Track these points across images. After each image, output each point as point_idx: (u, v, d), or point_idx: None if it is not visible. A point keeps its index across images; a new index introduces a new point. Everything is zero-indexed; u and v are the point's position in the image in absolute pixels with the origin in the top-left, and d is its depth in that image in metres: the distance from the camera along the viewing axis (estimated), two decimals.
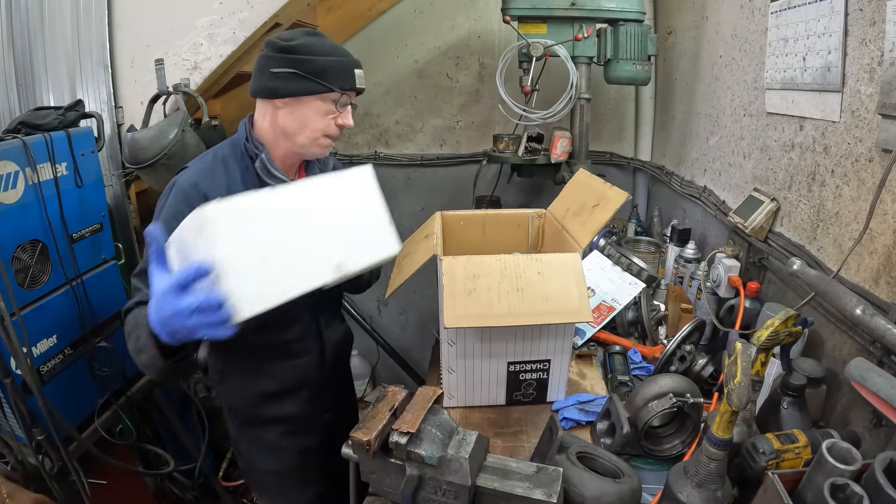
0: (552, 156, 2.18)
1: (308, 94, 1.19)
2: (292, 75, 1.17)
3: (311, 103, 1.21)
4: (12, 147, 1.32)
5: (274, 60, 1.18)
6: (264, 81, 1.20)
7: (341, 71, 1.21)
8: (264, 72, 1.19)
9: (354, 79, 1.23)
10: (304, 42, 1.18)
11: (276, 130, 1.23)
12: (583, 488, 0.88)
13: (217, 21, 1.82)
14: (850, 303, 1.00)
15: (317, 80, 1.18)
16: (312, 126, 1.23)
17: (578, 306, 1.15)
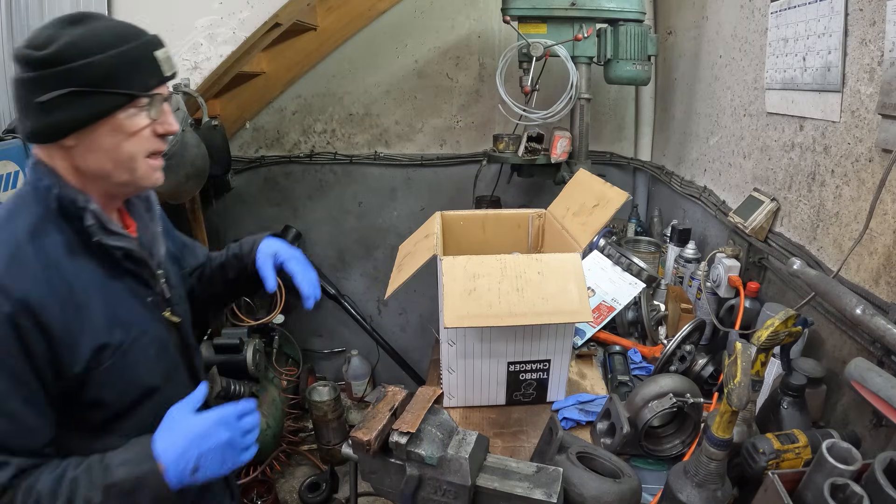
0: (552, 156, 2.18)
1: (103, 115, 0.82)
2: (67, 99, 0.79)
3: (112, 124, 0.84)
4: (12, 147, 1.32)
5: (34, 84, 0.79)
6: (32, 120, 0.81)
7: (137, 63, 0.85)
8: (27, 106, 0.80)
9: (159, 66, 0.87)
10: (69, 41, 0.79)
11: (78, 175, 0.87)
12: (583, 488, 0.88)
13: (217, 21, 1.82)
14: (850, 303, 1.00)
15: (107, 91, 0.81)
16: (127, 154, 0.86)
17: (578, 306, 1.15)
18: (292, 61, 2.57)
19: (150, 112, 0.87)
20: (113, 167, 0.86)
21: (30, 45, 0.80)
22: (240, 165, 2.72)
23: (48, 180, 0.85)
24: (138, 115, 0.86)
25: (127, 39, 0.84)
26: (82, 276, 0.86)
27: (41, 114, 0.80)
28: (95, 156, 0.85)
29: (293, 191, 2.86)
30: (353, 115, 2.74)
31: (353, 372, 2.85)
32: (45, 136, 0.83)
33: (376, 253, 2.98)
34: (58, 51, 0.78)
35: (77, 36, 0.80)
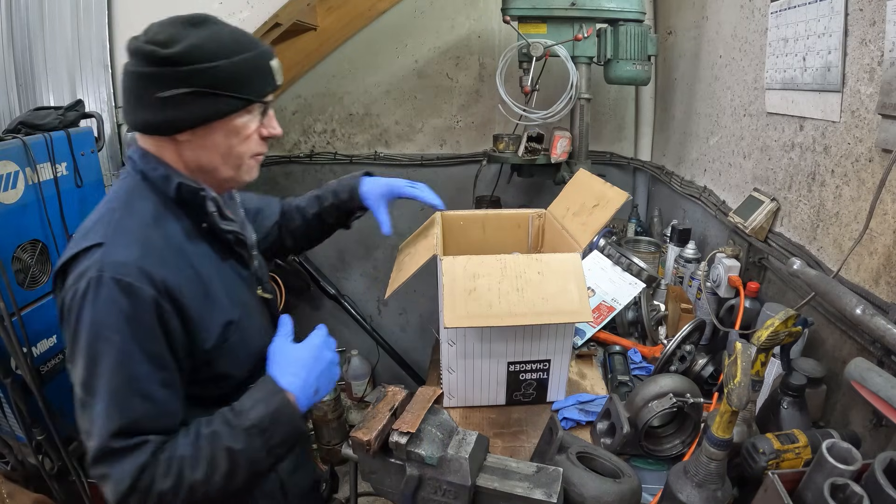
0: (552, 156, 2.18)
1: (220, 116, 0.87)
2: (191, 96, 0.83)
3: (227, 125, 0.89)
4: (12, 147, 1.32)
5: (156, 80, 0.82)
6: (150, 112, 0.85)
7: (255, 71, 0.90)
8: (145, 97, 0.84)
9: (274, 75, 0.93)
10: (194, 42, 0.83)
11: (185, 167, 0.92)
12: (583, 488, 0.88)
13: None
14: (850, 303, 1.00)
15: (228, 95, 0.86)
16: (236, 153, 0.92)
17: (578, 306, 1.15)
18: (292, 61, 2.57)
19: (260, 117, 0.93)
20: (221, 163, 0.93)
21: (152, 41, 0.83)
22: None
23: (164, 170, 0.90)
24: (250, 118, 0.91)
25: (247, 48, 0.88)
26: (202, 259, 0.92)
27: (159, 108, 0.83)
28: (207, 152, 0.90)
29: (293, 191, 2.86)
30: (353, 115, 2.74)
31: (353, 372, 2.85)
32: (162, 130, 0.87)
33: (376, 253, 2.98)
34: (183, 51, 0.82)
35: (201, 39, 0.84)
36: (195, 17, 0.87)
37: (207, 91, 0.84)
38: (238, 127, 0.90)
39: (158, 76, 0.82)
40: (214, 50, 0.84)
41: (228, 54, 0.85)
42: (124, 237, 0.84)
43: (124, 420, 0.78)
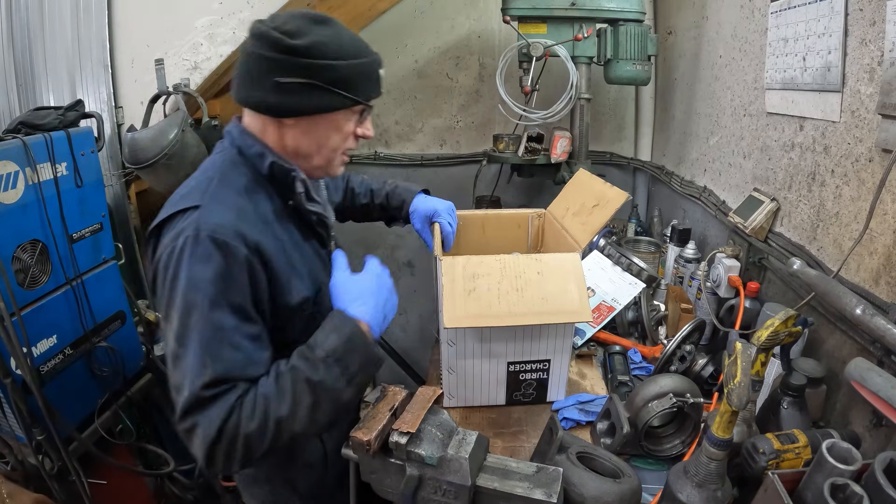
0: (552, 156, 2.18)
1: (329, 110, 0.95)
2: (305, 87, 0.90)
3: (331, 119, 0.97)
4: (12, 147, 1.32)
5: (279, 65, 0.89)
6: (265, 93, 0.93)
7: (367, 76, 0.97)
8: (264, 79, 0.91)
9: (379, 83, 1.01)
10: (319, 39, 0.90)
11: (285, 150, 0.99)
12: (583, 488, 0.88)
13: (217, 21, 1.82)
14: (850, 303, 1.00)
15: (340, 93, 0.93)
16: (332, 146, 1.00)
17: (578, 306, 1.14)
18: None
19: (360, 118, 1.01)
20: (316, 152, 1.00)
21: (280, 30, 0.90)
22: None
23: (259, 148, 0.98)
24: (351, 118, 0.99)
25: (363, 54, 0.96)
26: (287, 234, 0.99)
27: (276, 91, 0.91)
28: (307, 139, 0.98)
29: None
30: None
31: None
32: (272, 111, 0.95)
33: (376, 253, 2.96)
34: (308, 44, 0.89)
35: (326, 37, 0.91)
36: (320, 16, 0.95)
37: (322, 86, 0.91)
38: (340, 123, 0.98)
39: (281, 62, 0.89)
40: (336, 50, 0.91)
41: (347, 56, 0.93)
42: (220, 203, 0.89)
43: (215, 369, 0.81)
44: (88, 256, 1.57)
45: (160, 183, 1.83)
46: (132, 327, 1.73)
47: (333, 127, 0.98)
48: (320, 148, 1.00)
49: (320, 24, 0.93)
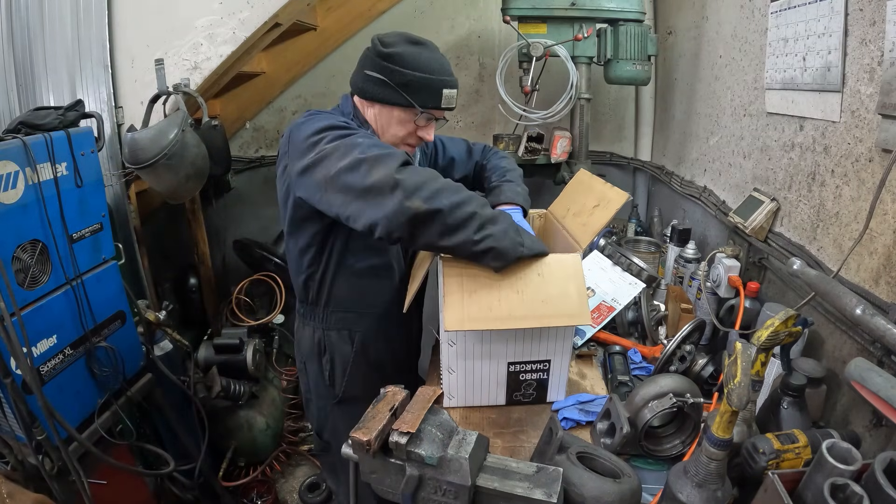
0: (552, 156, 2.19)
1: (391, 104, 1.26)
2: (380, 82, 1.24)
3: (394, 112, 1.28)
4: (12, 147, 1.32)
5: (371, 62, 1.25)
6: (358, 80, 1.29)
7: (428, 89, 1.25)
8: (361, 70, 1.28)
9: (441, 98, 1.27)
10: (401, 51, 1.23)
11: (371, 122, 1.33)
12: (583, 488, 0.88)
13: (217, 21, 1.82)
14: (850, 303, 1.00)
15: (400, 93, 1.24)
16: (393, 132, 1.31)
17: (578, 309, 1.15)
18: (292, 61, 2.57)
19: (417, 120, 1.30)
20: (383, 130, 1.33)
21: (383, 41, 1.26)
22: (240, 165, 2.71)
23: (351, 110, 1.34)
24: (411, 117, 1.29)
25: (435, 72, 1.25)
26: None
27: (363, 79, 1.27)
28: (379, 119, 1.32)
29: None
30: None
31: None
32: (358, 92, 1.31)
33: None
34: (391, 54, 1.23)
35: (408, 53, 1.24)
36: (415, 38, 1.28)
37: (391, 84, 1.24)
38: (400, 118, 1.29)
39: (372, 61, 1.25)
40: (411, 63, 1.23)
41: (419, 70, 1.23)
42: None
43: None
44: (88, 256, 1.57)
45: (160, 183, 1.83)
46: (132, 327, 1.73)
47: (395, 119, 1.29)
48: (385, 130, 1.32)
49: (412, 44, 1.25)
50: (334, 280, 1.41)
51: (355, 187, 1.09)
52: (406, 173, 1.08)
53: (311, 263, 1.39)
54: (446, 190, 1.09)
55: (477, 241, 1.08)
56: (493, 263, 1.13)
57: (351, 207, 1.11)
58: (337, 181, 1.11)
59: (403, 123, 1.31)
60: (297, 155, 1.19)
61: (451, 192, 1.09)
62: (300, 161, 1.17)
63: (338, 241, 1.36)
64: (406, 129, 1.32)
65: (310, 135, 1.17)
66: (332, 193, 1.13)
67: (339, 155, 1.11)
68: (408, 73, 1.23)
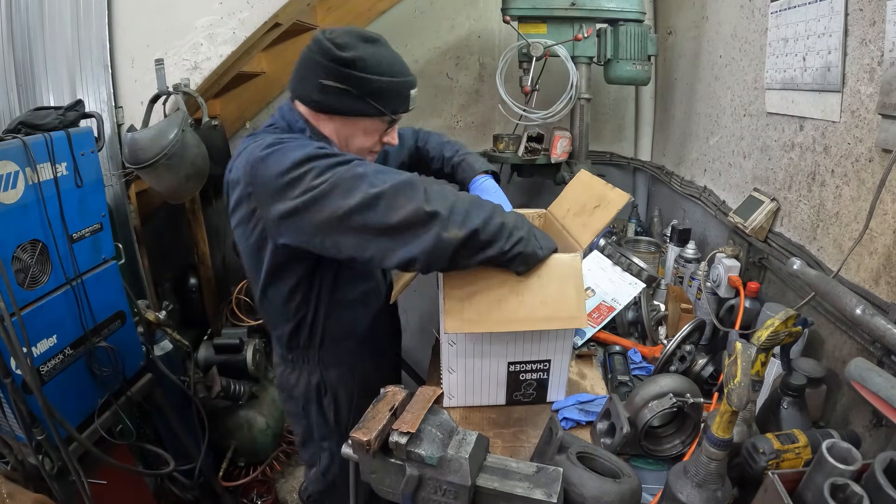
0: (552, 156, 2.18)
1: (359, 115, 1.13)
2: (343, 92, 1.08)
3: (360, 123, 1.15)
4: (12, 147, 1.32)
5: (325, 70, 1.07)
6: (310, 90, 1.11)
7: (398, 94, 1.13)
8: (311, 79, 1.09)
9: (409, 101, 1.16)
10: (362, 55, 1.07)
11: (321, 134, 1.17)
12: (583, 488, 0.88)
13: (217, 21, 1.82)
14: (850, 303, 1.00)
15: (371, 104, 1.10)
16: (359, 145, 1.18)
17: (576, 312, 1.15)
18: (292, 61, 2.53)
19: (388, 127, 1.18)
20: (342, 144, 1.18)
21: (335, 42, 1.07)
22: None
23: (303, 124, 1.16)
24: (379, 125, 1.17)
25: (399, 74, 1.12)
26: None
27: (319, 91, 1.10)
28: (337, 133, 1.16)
29: None
30: None
31: None
32: (314, 106, 1.13)
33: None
34: (352, 58, 1.06)
35: (368, 55, 1.08)
36: (369, 35, 1.12)
37: (356, 94, 1.08)
38: (367, 128, 1.16)
39: (327, 68, 1.07)
40: (374, 67, 1.08)
41: (384, 74, 1.09)
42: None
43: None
44: (88, 256, 1.57)
45: (160, 183, 1.83)
46: (132, 327, 1.73)
47: (361, 130, 1.16)
48: (346, 144, 1.17)
49: (367, 43, 1.09)
50: (328, 318, 1.28)
51: (375, 226, 0.99)
52: (435, 201, 0.99)
53: (300, 307, 1.24)
54: (472, 206, 1.03)
55: (507, 251, 1.05)
56: (520, 269, 1.11)
57: (372, 247, 1.01)
58: (348, 222, 0.99)
59: (370, 134, 1.18)
60: (271, 196, 1.01)
61: (476, 207, 1.03)
62: (280, 204, 1.01)
63: (326, 275, 1.22)
64: (372, 138, 1.19)
65: (285, 170, 0.99)
66: (341, 235, 1.01)
67: (341, 192, 0.99)
68: (374, 80, 1.08)
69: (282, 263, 1.15)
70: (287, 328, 1.27)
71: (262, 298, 1.24)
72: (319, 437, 1.40)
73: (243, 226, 1.12)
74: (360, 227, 0.99)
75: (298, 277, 1.19)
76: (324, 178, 0.98)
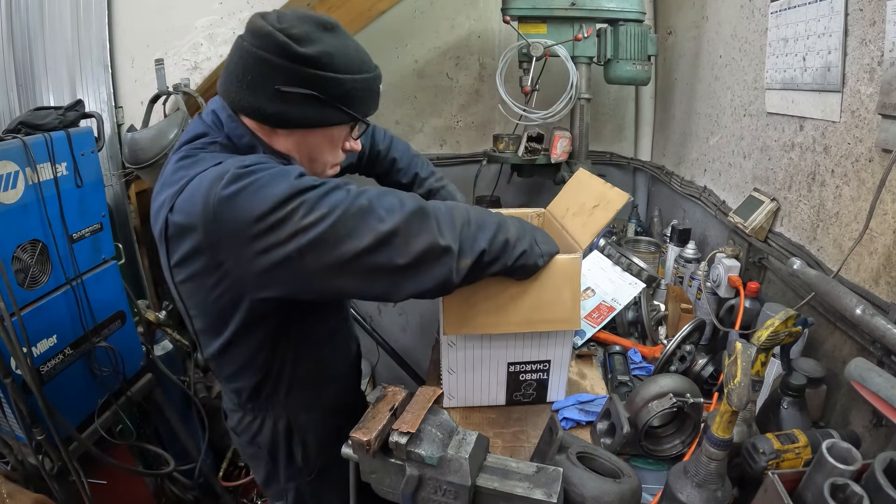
0: (552, 156, 2.18)
1: (326, 125, 0.92)
2: (310, 99, 0.86)
3: (326, 133, 0.95)
4: (12, 147, 1.32)
5: (281, 72, 0.84)
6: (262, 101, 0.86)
7: (371, 92, 0.95)
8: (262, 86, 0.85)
9: (378, 98, 0.98)
10: (328, 50, 0.86)
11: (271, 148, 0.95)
12: (583, 488, 0.88)
13: (217, 21, 1.82)
14: (850, 303, 1.00)
15: (342, 109, 0.90)
16: (322, 160, 0.98)
17: (570, 315, 1.16)
18: None
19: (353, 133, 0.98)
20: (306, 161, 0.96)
21: (287, 33, 0.83)
22: None
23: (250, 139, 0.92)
24: (342, 133, 0.96)
25: (367, 69, 0.92)
26: None
27: (274, 99, 0.85)
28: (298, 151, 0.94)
29: None
30: None
31: None
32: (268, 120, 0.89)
33: None
34: (317, 55, 0.84)
35: (333, 48, 0.86)
36: (328, 22, 0.89)
37: (324, 99, 0.87)
38: (335, 137, 0.96)
39: (285, 69, 0.83)
40: (343, 63, 0.87)
41: (352, 70, 0.89)
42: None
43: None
44: (88, 256, 1.57)
45: None
46: (132, 327, 1.73)
47: (327, 140, 0.96)
48: (310, 158, 0.97)
49: (328, 32, 0.88)
50: (296, 365, 1.10)
51: (387, 267, 0.85)
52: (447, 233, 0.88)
53: (267, 362, 1.06)
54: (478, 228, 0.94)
55: (510, 265, 1.00)
56: (520, 277, 1.09)
57: (380, 286, 0.89)
58: (357, 265, 0.84)
59: (335, 144, 0.97)
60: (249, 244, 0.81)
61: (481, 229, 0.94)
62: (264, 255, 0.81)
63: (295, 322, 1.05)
64: (337, 148, 0.99)
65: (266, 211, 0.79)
66: (346, 279, 0.86)
67: (348, 232, 0.82)
68: (345, 80, 0.88)
69: (253, 320, 0.96)
70: (250, 382, 1.09)
71: (219, 356, 1.04)
72: (286, 478, 1.24)
73: (197, 281, 0.89)
74: (370, 269, 0.85)
75: (269, 329, 1.00)
76: (318, 214, 0.80)
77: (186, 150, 0.91)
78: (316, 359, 1.14)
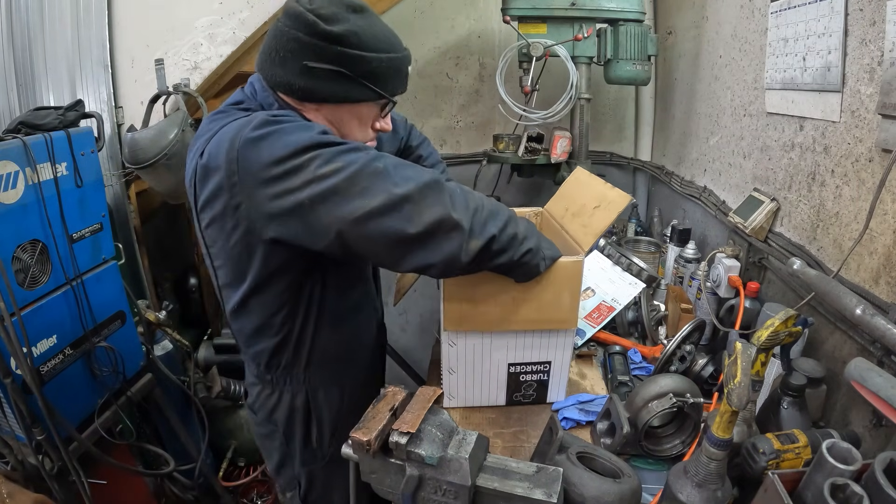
0: (552, 156, 2.18)
1: (354, 101, 0.96)
2: (337, 76, 0.90)
3: (354, 110, 0.98)
4: (12, 147, 1.32)
5: (310, 49, 0.89)
6: (291, 75, 0.92)
7: (398, 71, 0.98)
8: (292, 61, 0.90)
9: (407, 80, 1.01)
10: (354, 29, 0.89)
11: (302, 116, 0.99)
12: (583, 488, 0.88)
13: (217, 21, 1.82)
14: (850, 303, 1.00)
15: (369, 86, 0.94)
16: (351, 136, 1.00)
17: (567, 315, 1.17)
18: None
19: (381, 111, 1.02)
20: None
21: (316, 13, 0.88)
22: None
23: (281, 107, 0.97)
24: (374, 110, 1.01)
25: (395, 49, 0.96)
26: None
27: (303, 75, 0.91)
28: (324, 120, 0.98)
29: None
30: None
31: None
32: (297, 94, 0.95)
33: None
34: (343, 33, 0.88)
35: (361, 27, 0.90)
36: (356, 4, 0.93)
37: (351, 76, 0.91)
38: (363, 114, 1.00)
39: (314, 47, 0.89)
40: (370, 42, 0.91)
41: (380, 49, 0.93)
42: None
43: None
44: (88, 256, 1.57)
45: (160, 183, 1.83)
46: (132, 327, 1.73)
47: (356, 117, 1.00)
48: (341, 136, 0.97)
49: (357, 13, 0.92)
50: (316, 333, 1.11)
51: (396, 231, 0.86)
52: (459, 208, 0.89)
53: (285, 322, 1.07)
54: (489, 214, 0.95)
55: (516, 260, 1.00)
56: (520, 279, 1.08)
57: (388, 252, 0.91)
58: (366, 225, 0.85)
59: (365, 122, 1.02)
60: (262, 185, 0.85)
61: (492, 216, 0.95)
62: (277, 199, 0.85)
63: (316, 284, 1.06)
64: (367, 127, 1.03)
65: (285, 156, 0.83)
66: (355, 237, 0.88)
67: (360, 189, 0.84)
68: (371, 58, 0.91)
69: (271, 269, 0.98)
70: (269, 344, 1.10)
71: (240, 310, 1.06)
72: (301, 461, 1.25)
73: (218, 224, 0.93)
74: (378, 233, 0.87)
75: (286, 286, 1.02)
76: (333, 166, 0.83)
77: (222, 107, 1.00)
78: (337, 331, 1.15)
